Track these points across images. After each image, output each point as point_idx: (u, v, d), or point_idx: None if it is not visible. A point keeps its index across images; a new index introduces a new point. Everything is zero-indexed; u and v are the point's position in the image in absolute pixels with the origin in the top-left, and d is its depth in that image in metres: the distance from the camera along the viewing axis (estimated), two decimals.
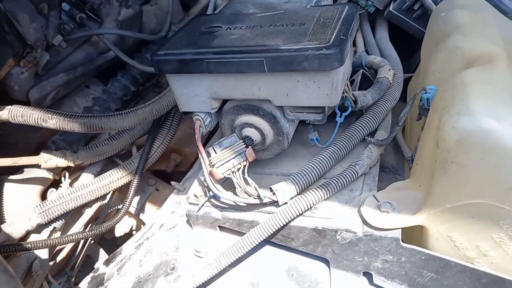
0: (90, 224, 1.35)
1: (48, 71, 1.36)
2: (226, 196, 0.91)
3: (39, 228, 1.19)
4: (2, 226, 1.12)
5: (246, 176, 0.91)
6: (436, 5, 1.14)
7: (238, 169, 0.90)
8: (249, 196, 0.90)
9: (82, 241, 1.32)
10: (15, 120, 1.10)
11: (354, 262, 0.87)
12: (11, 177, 1.33)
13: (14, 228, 1.12)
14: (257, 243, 0.89)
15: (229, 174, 0.89)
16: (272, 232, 0.88)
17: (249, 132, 0.91)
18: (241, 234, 0.95)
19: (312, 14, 0.85)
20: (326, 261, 0.92)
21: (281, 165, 1.03)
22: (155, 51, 0.86)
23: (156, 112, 1.16)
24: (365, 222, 0.85)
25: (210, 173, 0.89)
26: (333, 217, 0.89)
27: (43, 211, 1.15)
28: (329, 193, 0.89)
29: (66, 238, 1.13)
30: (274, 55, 0.75)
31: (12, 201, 1.28)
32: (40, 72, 1.32)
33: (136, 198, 1.43)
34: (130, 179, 1.26)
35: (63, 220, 1.23)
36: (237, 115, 0.92)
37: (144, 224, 1.49)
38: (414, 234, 0.86)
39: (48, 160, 1.25)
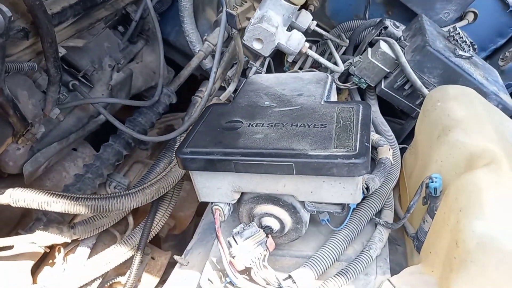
0: None
1: (41, 140, 1.32)
2: (245, 285, 0.92)
3: None
4: None
5: (266, 263, 0.93)
6: (426, 89, 1.24)
7: (259, 258, 0.92)
8: (268, 284, 0.92)
9: None
10: (16, 204, 1.06)
11: None
12: (1, 253, 1.26)
13: None
14: None
15: (252, 264, 0.91)
16: None
17: (269, 222, 0.94)
18: None
19: (331, 113, 0.91)
20: None
21: (293, 246, 1.06)
22: (180, 146, 0.87)
23: (163, 189, 1.16)
24: None
25: (231, 263, 0.91)
26: None
27: None
28: (348, 280, 0.92)
29: None
30: (304, 161, 0.79)
31: (3, 277, 1.22)
32: (34, 144, 1.28)
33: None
34: (132, 255, 1.24)
35: None
36: (257, 204, 0.94)
37: None
38: None
39: (45, 238, 1.20)
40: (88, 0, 1.26)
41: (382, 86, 1.32)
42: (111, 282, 1.33)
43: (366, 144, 0.80)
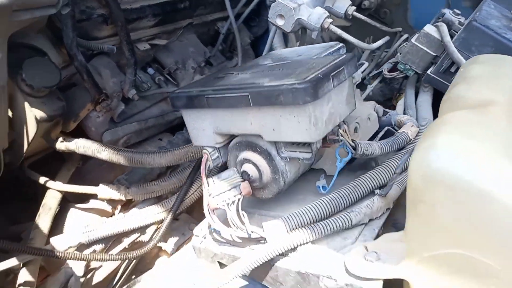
0: None
1: (123, 120, 1.61)
2: (218, 227, 0.94)
3: (81, 248, 1.33)
4: (51, 238, 1.29)
5: (240, 210, 0.94)
6: None
7: (233, 202, 0.94)
8: (238, 228, 0.92)
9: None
10: (79, 151, 1.33)
11: None
12: (78, 205, 1.54)
13: (60, 242, 1.28)
14: (236, 276, 0.89)
15: (224, 205, 0.94)
16: (252, 267, 0.87)
17: (247, 167, 0.96)
18: None
19: (311, 62, 0.92)
20: None
21: (287, 210, 1.03)
22: (173, 91, 1.00)
23: (191, 154, 1.28)
24: (347, 270, 0.80)
25: (208, 205, 0.95)
26: (318, 262, 0.85)
27: (87, 232, 1.31)
28: (316, 235, 0.86)
29: (98, 256, 1.25)
30: (257, 91, 0.82)
31: (73, 226, 1.48)
32: (116, 119, 1.57)
33: (175, 239, 1.52)
34: (165, 216, 1.37)
35: (103, 245, 1.37)
36: (239, 151, 0.98)
37: None
38: None
39: (104, 191, 1.43)
40: (167, 4, 1.54)
41: (429, 72, 1.21)
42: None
43: (319, 76, 0.79)
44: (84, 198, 1.50)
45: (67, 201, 1.54)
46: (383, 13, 1.62)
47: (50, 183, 1.43)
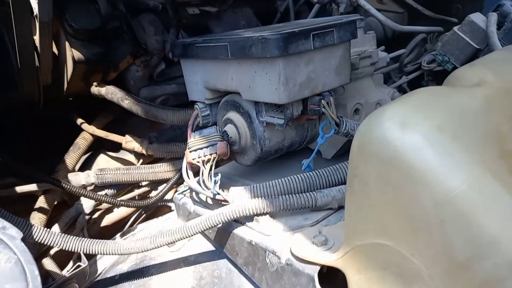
0: None
1: (164, 80, 1.66)
2: (191, 184, 0.92)
3: (94, 189, 1.41)
4: (69, 174, 1.38)
5: (213, 170, 0.90)
6: None
7: (209, 160, 0.91)
8: (205, 186, 0.89)
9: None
10: (107, 97, 1.40)
11: None
12: (108, 152, 1.63)
13: (75, 179, 1.37)
14: (192, 233, 0.85)
15: (198, 161, 0.91)
16: (206, 227, 0.83)
17: (228, 128, 0.92)
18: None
19: (306, 22, 0.84)
20: None
21: (255, 178, 0.98)
22: (177, 40, 0.99)
23: None
24: (290, 249, 0.73)
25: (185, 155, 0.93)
26: (270, 237, 0.79)
27: (100, 174, 1.37)
28: (274, 207, 0.79)
29: (107, 199, 1.31)
30: (235, 41, 0.77)
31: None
32: (156, 77, 1.62)
33: None
34: (173, 175, 1.38)
35: (115, 190, 1.43)
36: (226, 111, 0.94)
37: None
38: None
39: (128, 142, 1.49)
40: None
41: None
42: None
43: (295, 30, 0.71)
44: (119, 148, 1.58)
45: (102, 147, 1.64)
46: (454, 8, 1.44)
47: (85, 126, 1.53)
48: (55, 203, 1.41)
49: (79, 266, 0.80)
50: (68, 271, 0.80)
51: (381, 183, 0.52)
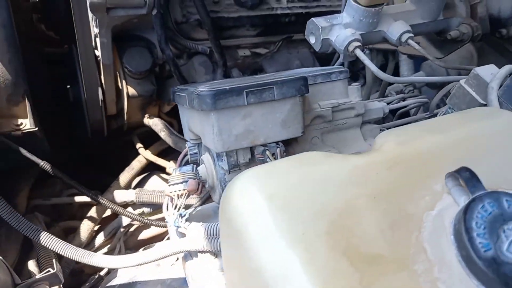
0: None
1: None
2: (164, 212, 1.03)
3: (134, 206, 1.61)
4: (115, 191, 1.61)
5: (183, 204, 1.00)
6: None
7: (182, 195, 1.01)
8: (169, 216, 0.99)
9: None
10: (152, 127, 1.60)
11: None
12: (162, 175, 1.84)
13: (119, 195, 1.59)
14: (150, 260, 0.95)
15: (173, 195, 1.01)
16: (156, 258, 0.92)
17: (201, 167, 1.00)
18: None
19: (268, 77, 0.88)
20: None
21: None
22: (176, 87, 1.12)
23: None
24: None
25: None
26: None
27: (138, 194, 1.57)
28: (210, 247, 0.85)
29: (134, 216, 1.49)
30: (189, 93, 0.87)
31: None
32: None
33: None
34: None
35: (150, 209, 1.61)
36: (204, 151, 1.02)
37: None
38: None
39: (171, 167, 1.67)
40: (269, 16, 1.65)
41: None
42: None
43: (226, 88, 0.77)
44: None
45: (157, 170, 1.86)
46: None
47: (141, 150, 1.76)
48: (105, 214, 1.66)
49: (49, 271, 0.96)
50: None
51: (227, 245, 0.55)
